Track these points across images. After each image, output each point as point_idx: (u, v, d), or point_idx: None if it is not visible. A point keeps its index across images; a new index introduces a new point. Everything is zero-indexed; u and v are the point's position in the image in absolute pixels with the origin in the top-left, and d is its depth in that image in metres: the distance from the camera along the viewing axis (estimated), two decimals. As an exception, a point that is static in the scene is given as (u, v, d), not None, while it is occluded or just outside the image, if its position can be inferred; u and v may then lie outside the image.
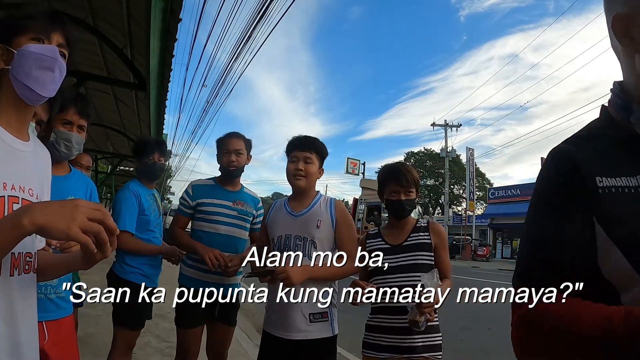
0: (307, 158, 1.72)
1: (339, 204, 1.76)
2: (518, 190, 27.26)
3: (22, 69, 0.79)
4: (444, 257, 1.69)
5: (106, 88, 5.04)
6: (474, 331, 5.26)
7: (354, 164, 36.61)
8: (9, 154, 0.78)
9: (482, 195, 40.39)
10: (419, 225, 1.73)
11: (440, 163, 39.39)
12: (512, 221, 25.76)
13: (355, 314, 5.99)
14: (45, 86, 0.81)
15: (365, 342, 1.70)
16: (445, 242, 1.71)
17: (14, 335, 0.74)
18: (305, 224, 1.68)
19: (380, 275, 1.65)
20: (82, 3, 3.46)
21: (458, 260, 23.97)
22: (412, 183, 1.70)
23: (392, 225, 1.78)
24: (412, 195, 1.70)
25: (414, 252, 1.66)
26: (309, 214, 1.71)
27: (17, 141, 0.81)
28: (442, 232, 1.73)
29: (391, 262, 1.65)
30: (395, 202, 1.69)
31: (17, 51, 0.79)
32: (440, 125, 27.06)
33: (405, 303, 1.50)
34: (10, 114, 0.81)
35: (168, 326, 3.95)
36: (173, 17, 2.84)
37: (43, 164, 0.92)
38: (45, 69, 0.81)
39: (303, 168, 1.71)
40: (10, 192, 0.76)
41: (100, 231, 0.66)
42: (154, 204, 2.39)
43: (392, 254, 1.67)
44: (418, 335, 1.59)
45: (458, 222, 30.75)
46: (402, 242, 1.69)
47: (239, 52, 7.59)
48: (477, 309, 7.00)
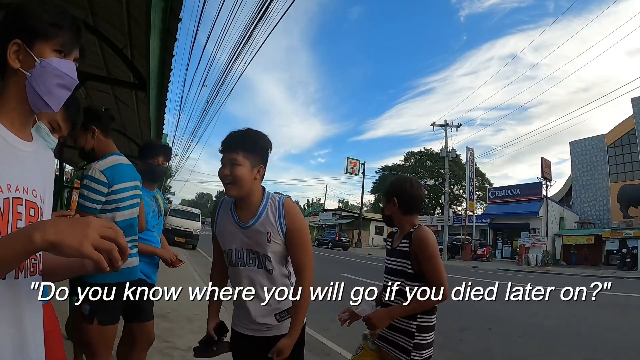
0: (234, 160, 1.42)
1: (288, 207, 1.51)
2: (518, 190, 27.26)
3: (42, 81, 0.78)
4: (425, 265, 1.65)
5: (106, 88, 5.04)
6: (474, 331, 5.26)
7: (354, 164, 36.65)
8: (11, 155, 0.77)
9: (482, 195, 40.41)
10: (410, 232, 1.76)
11: (440, 163, 39.39)
12: (512, 221, 25.76)
13: (355, 314, 5.93)
14: (59, 103, 0.83)
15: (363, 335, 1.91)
16: (425, 250, 1.63)
17: (21, 337, 0.74)
18: (256, 237, 1.49)
19: (385, 274, 1.86)
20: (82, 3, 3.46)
21: (458, 260, 23.96)
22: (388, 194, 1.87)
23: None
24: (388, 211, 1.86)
25: (399, 258, 1.75)
26: (258, 225, 1.49)
27: (20, 141, 0.80)
28: (422, 240, 1.64)
29: (387, 263, 1.85)
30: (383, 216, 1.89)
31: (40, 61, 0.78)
32: (440, 125, 27.03)
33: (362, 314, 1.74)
34: (14, 113, 0.80)
35: (168, 326, 3.96)
36: (173, 17, 2.83)
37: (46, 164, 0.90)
38: (63, 87, 0.82)
39: (230, 173, 1.43)
40: (14, 193, 0.75)
41: (112, 249, 0.65)
42: (154, 205, 2.40)
43: (389, 255, 1.85)
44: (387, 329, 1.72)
45: (458, 222, 30.73)
46: (395, 247, 1.80)
47: (239, 52, 7.60)
48: (477, 309, 6.99)
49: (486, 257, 23.95)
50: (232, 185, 1.44)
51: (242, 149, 1.43)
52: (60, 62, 0.80)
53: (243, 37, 7.10)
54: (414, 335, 1.66)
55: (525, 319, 6.20)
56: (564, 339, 4.95)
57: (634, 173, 26.25)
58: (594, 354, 4.38)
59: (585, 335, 5.18)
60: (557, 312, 7.14)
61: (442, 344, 4.54)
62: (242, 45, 7.32)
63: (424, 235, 1.66)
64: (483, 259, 23.70)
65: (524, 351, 4.35)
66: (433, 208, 46.54)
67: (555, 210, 25.33)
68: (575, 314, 6.89)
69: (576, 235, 24.17)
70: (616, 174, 27.32)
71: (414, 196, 1.77)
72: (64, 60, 0.81)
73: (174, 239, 15.03)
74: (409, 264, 1.68)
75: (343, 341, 4.31)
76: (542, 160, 25.22)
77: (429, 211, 45.13)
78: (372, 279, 10.61)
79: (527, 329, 5.39)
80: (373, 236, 38.42)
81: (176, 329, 3.89)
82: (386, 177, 50.29)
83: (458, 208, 41.11)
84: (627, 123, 26.84)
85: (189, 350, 3.22)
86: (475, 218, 28.71)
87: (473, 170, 29.18)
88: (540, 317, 6.44)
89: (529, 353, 4.30)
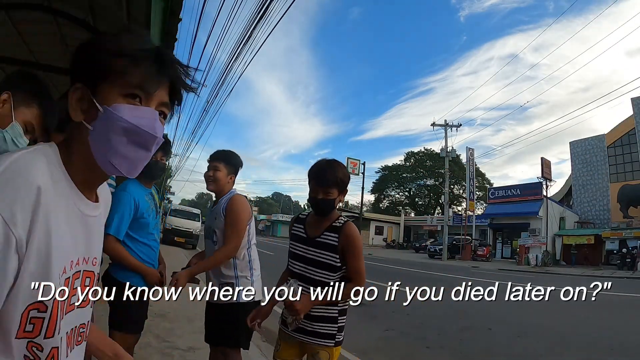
0: (216, 167, 2.18)
1: (236, 200, 2.16)
2: (518, 190, 27.25)
3: (106, 138, 0.59)
4: (350, 261, 1.68)
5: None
6: (474, 331, 5.26)
7: (354, 164, 36.60)
8: (81, 226, 0.65)
9: (482, 195, 40.42)
10: (335, 224, 1.72)
11: (440, 163, 39.37)
12: (512, 221, 25.75)
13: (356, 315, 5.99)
14: (133, 168, 0.63)
15: (282, 320, 1.80)
16: (354, 246, 1.69)
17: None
18: (213, 217, 2.21)
19: (295, 261, 1.77)
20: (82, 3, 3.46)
21: (458, 260, 23.96)
22: (333, 184, 1.69)
23: (315, 216, 1.80)
24: (331, 196, 1.70)
25: (324, 250, 1.69)
26: (214, 209, 2.23)
27: (91, 205, 0.67)
28: (352, 236, 1.69)
29: (303, 252, 1.74)
30: (311, 199, 1.74)
31: (103, 109, 0.59)
32: (440, 125, 27.02)
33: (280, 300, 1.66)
34: (85, 171, 0.64)
35: (168, 326, 3.96)
36: (173, 17, 2.83)
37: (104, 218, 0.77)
38: (137, 145, 0.60)
39: (212, 174, 2.18)
40: (75, 268, 0.64)
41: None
42: (151, 203, 2.35)
43: (305, 244, 1.75)
44: (307, 321, 1.68)
45: (458, 222, 30.73)
46: (315, 237, 1.73)
47: (239, 52, 7.59)
48: (477, 309, 7.00)
49: (486, 257, 23.94)
50: (212, 183, 2.19)
51: (222, 160, 2.20)
52: (132, 110, 0.59)
53: (243, 37, 7.10)
54: (337, 320, 1.72)
55: (525, 319, 6.20)
56: (564, 339, 4.95)
57: (634, 173, 26.25)
58: (594, 354, 4.38)
59: (585, 335, 5.18)
60: (557, 312, 7.15)
61: (442, 344, 4.54)
62: (242, 45, 7.32)
63: (355, 233, 1.72)
64: (483, 259, 23.70)
65: (524, 351, 4.35)
66: (433, 208, 46.56)
67: (555, 210, 25.32)
68: (575, 314, 6.89)
69: (576, 235, 24.17)
70: (616, 174, 27.32)
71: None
72: (138, 108, 0.60)
73: (174, 238, 15.04)
74: (337, 258, 1.68)
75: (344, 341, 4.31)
76: (542, 160, 25.22)
77: (429, 211, 45.17)
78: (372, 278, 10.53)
79: (527, 329, 5.39)
80: (373, 236, 38.41)
81: (176, 329, 3.89)
82: (386, 177, 50.35)
83: (458, 208, 41.12)
84: (627, 123, 26.84)
85: (189, 350, 3.23)
86: (475, 218, 28.71)
87: (473, 170, 29.18)
88: (540, 317, 6.45)
89: (529, 353, 4.30)
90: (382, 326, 5.18)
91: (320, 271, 1.67)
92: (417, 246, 31.00)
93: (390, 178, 50.19)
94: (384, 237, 39.26)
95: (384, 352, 4.14)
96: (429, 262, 21.04)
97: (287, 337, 1.76)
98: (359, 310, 6.25)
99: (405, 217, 41.09)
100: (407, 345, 4.45)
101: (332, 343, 1.70)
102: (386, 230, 40.02)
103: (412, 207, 49.65)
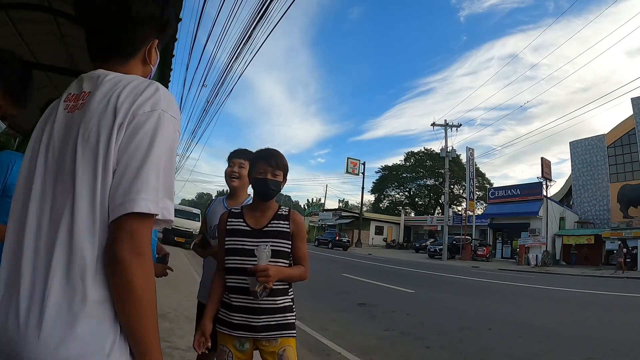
0: (242, 164, 2.12)
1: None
2: (518, 190, 27.25)
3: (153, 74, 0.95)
4: (300, 246, 1.73)
5: (106, 88, 5.04)
6: (474, 331, 5.26)
7: (354, 164, 36.63)
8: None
9: (482, 195, 40.44)
10: (280, 212, 1.75)
11: (440, 163, 39.39)
12: (512, 221, 25.75)
13: (356, 315, 5.96)
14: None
15: (218, 318, 1.68)
16: (303, 232, 1.77)
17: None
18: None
19: (237, 256, 1.65)
20: (82, 3, 3.45)
21: (458, 260, 23.96)
22: (281, 167, 1.73)
23: (254, 208, 1.77)
24: (278, 178, 1.73)
25: (274, 238, 1.66)
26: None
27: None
28: (301, 222, 1.77)
29: (250, 245, 1.64)
30: (260, 180, 1.70)
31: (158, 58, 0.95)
32: (440, 125, 27.03)
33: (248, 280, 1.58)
34: None
35: (168, 326, 3.95)
36: (173, 17, 2.84)
37: None
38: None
39: (237, 171, 2.11)
40: None
41: None
42: None
43: (252, 237, 1.67)
44: (270, 315, 1.62)
45: (458, 222, 30.73)
46: (262, 227, 1.70)
47: (239, 52, 7.59)
48: (477, 309, 7.00)
49: (486, 257, 23.95)
50: (237, 179, 2.11)
51: (247, 158, 2.09)
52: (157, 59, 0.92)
53: (243, 37, 7.10)
54: (292, 308, 1.70)
55: (525, 319, 6.20)
56: (564, 339, 4.94)
57: (634, 173, 26.26)
58: (594, 354, 4.37)
59: (585, 335, 5.18)
60: (557, 312, 7.15)
61: (442, 344, 4.54)
62: (242, 45, 7.32)
63: (302, 220, 1.79)
64: (483, 259, 23.71)
65: (524, 351, 4.35)
66: (433, 208, 46.56)
67: (555, 210, 25.33)
68: (575, 314, 6.89)
69: (576, 235, 24.17)
70: (616, 174, 27.33)
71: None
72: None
73: (174, 238, 15.10)
74: (289, 244, 1.68)
75: (343, 341, 4.31)
76: (542, 160, 25.23)
77: (429, 211, 45.17)
78: (373, 278, 10.65)
79: (527, 329, 5.39)
80: (373, 236, 38.43)
81: (176, 329, 3.89)
82: (386, 177, 50.36)
83: (458, 208, 41.15)
84: (627, 123, 26.86)
85: (189, 350, 3.22)
86: (475, 218, 28.71)
87: (473, 170, 29.18)
88: (540, 317, 6.45)
89: (529, 353, 4.30)
90: (382, 326, 5.18)
91: (274, 260, 1.60)
92: (417, 246, 31.01)
93: (390, 178, 50.22)
94: (384, 237, 39.27)
95: (384, 352, 4.14)
96: (429, 262, 21.04)
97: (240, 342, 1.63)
98: (359, 310, 6.25)
99: (405, 217, 41.09)
100: (407, 345, 4.45)
101: (295, 333, 1.68)
102: (386, 230, 40.02)
103: (412, 207, 49.66)
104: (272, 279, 1.53)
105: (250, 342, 1.64)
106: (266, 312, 1.61)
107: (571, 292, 10.24)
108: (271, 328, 1.62)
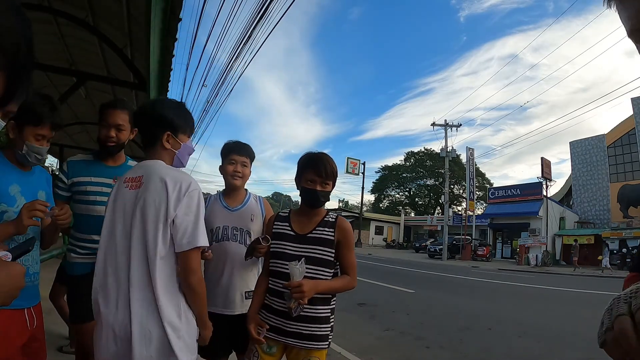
0: (244, 162, 2.01)
1: (266, 202, 2.12)
2: (518, 190, 27.24)
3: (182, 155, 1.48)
4: (346, 255, 1.67)
5: (106, 88, 5.04)
6: (474, 331, 5.26)
7: (354, 164, 36.61)
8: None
9: (482, 195, 40.42)
10: (327, 219, 1.71)
11: (440, 163, 39.39)
12: (512, 221, 25.74)
13: (356, 315, 5.97)
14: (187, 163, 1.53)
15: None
16: (350, 240, 1.69)
17: None
18: (242, 217, 1.98)
19: (281, 260, 1.64)
20: (82, 3, 3.46)
21: (458, 260, 23.96)
22: (331, 175, 1.67)
23: (302, 213, 1.75)
24: (328, 188, 1.69)
25: (316, 245, 1.63)
26: (244, 209, 2.00)
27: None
28: (347, 229, 1.69)
29: (293, 250, 1.64)
30: (310, 191, 1.66)
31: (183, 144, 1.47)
32: (440, 125, 27.01)
33: (284, 295, 1.58)
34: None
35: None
36: (173, 17, 2.84)
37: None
38: (189, 155, 1.52)
39: (240, 170, 1.99)
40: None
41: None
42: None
43: (295, 242, 1.66)
44: (304, 324, 1.58)
45: (458, 222, 30.72)
46: (307, 233, 1.67)
47: (239, 52, 7.59)
48: (477, 309, 7.00)
49: (486, 257, 23.94)
50: (241, 179, 2.00)
51: (249, 157, 2.04)
52: (190, 144, 1.51)
53: (243, 37, 7.10)
54: (329, 319, 1.65)
55: (525, 319, 6.20)
56: (564, 339, 4.95)
57: (634, 173, 26.25)
58: (594, 354, 4.37)
59: (585, 335, 5.18)
60: (557, 312, 7.15)
61: (442, 344, 4.54)
62: (242, 45, 7.32)
63: (350, 227, 1.71)
64: (483, 258, 23.69)
65: (524, 351, 4.35)
66: (433, 208, 46.56)
67: (555, 210, 25.32)
68: (575, 314, 6.89)
69: (576, 235, 24.17)
70: (616, 174, 27.32)
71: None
72: (190, 143, 1.51)
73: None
74: (333, 253, 1.64)
75: (343, 341, 4.31)
76: (542, 160, 25.21)
77: (429, 211, 45.17)
78: (373, 278, 10.68)
79: (527, 329, 5.39)
80: (373, 236, 38.42)
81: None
82: (386, 177, 50.36)
83: (458, 208, 41.15)
84: (627, 123, 26.84)
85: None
86: (475, 218, 28.69)
87: (473, 170, 29.16)
88: (540, 317, 6.45)
89: (529, 353, 4.30)
90: (382, 326, 5.18)
91: (315, 268, 1.59)
92: (417, 246, 30.99)
93: (390, 178, 50.22)
94: (384, 237, 39.26)
95: (384, 352, 4.14)
96: (429, 262, 21.04)
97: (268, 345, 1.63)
98: (359, 310, 6.26)
99: (405, 217, 41.07)
100: (407, 345, 4.45)
101: (326, 345, 1.63)
102: (386, 230, 40.02)
103: (412, 207, 49.65)
104: (307, 295, 1.50)
105: (280, 347, 1.64)
106: (301, 319, 1.58)
107: (571, 292, 10.25)
108: (302, 337, 1.59)
